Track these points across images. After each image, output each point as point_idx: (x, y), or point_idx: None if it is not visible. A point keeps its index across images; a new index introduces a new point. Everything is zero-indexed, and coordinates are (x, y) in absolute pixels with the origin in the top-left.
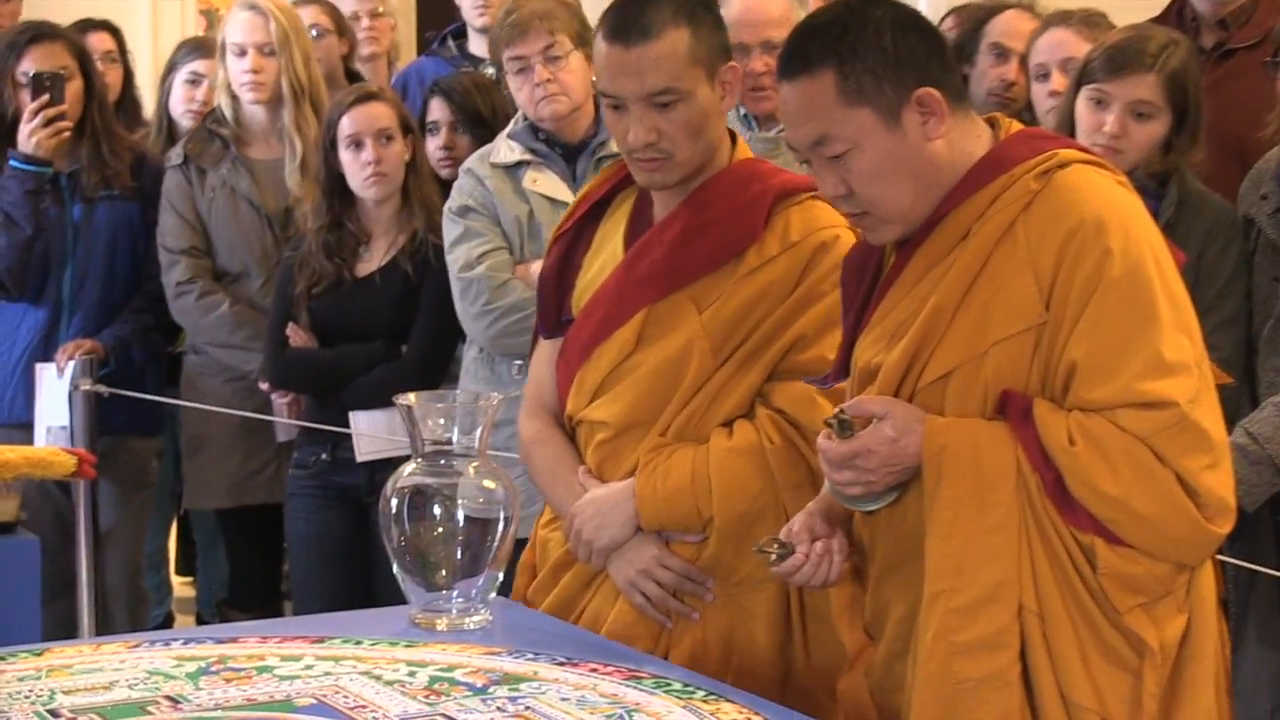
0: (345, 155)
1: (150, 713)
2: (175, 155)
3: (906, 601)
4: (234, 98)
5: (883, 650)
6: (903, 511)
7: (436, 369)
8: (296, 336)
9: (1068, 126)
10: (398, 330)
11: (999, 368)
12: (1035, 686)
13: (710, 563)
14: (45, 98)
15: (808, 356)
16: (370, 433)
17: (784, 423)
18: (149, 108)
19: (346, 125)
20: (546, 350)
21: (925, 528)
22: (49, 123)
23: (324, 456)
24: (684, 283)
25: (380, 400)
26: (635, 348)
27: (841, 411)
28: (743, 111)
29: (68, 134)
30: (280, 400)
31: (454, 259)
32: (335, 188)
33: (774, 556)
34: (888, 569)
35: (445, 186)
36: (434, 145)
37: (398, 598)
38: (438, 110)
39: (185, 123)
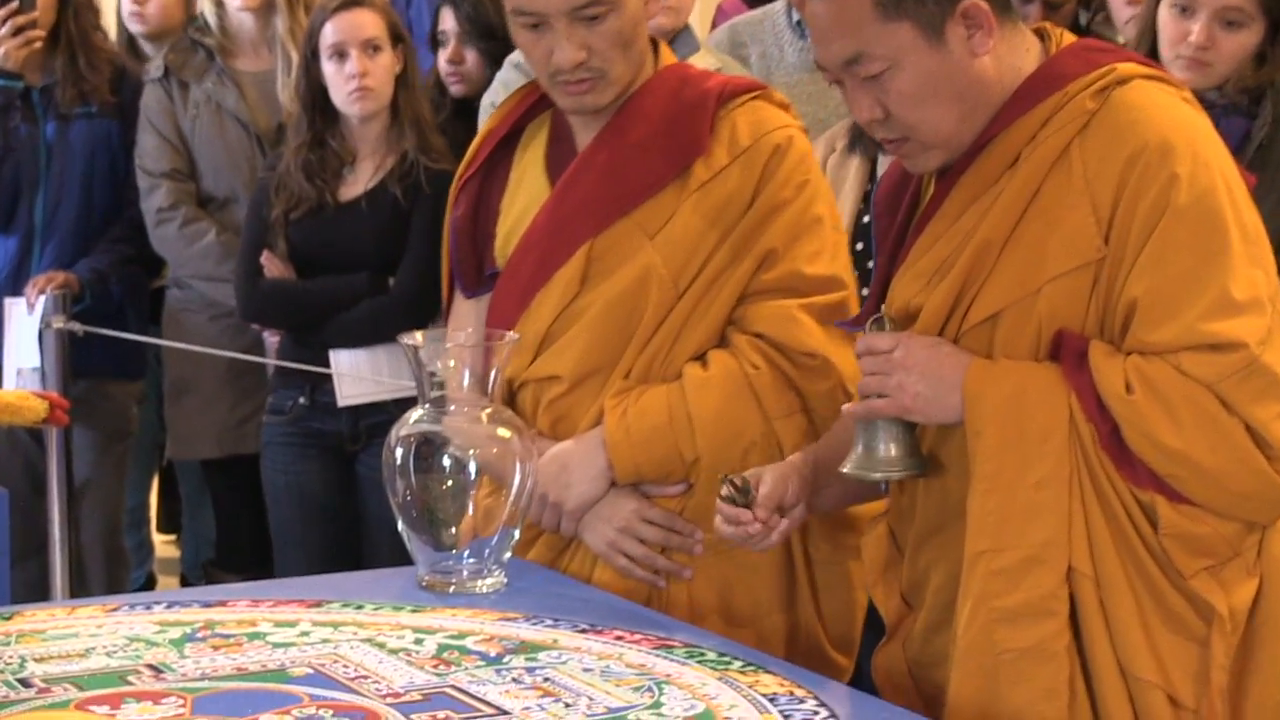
0: (328, 67)
1: (130, 683)
2: (155, 68)
3: (946, 568)
4: (219, 3)
5: (921, 621)
6: (942, 470)
7: (428, 305)
8: (272, 266)
9: (1149, 38)
10: (385, 261)
11: (1053, 308)
12: (1089, 657)
13: (698, 511)
14: (14, 4)
15: (779, 273)
16: (354, 374)
17: (766, 346)
18: (110, 18)
19: (329, 34)
20: (469, 311)
21: (966, 484)
22: (18, 31)
23: (302, 401)
24: (627, 208)
25: (365, 338)
26: (581, 288)
27: (881, 315)
28: (795, 18)
29: (39, 44)
30: (273, 339)
31: None
32: (317, 102)
33: (724, 492)
34: (926, 532)
35: (453, 105)
36: (442, 58)
37: (387, 557)
38: (447, 20)
39: (135, 28)
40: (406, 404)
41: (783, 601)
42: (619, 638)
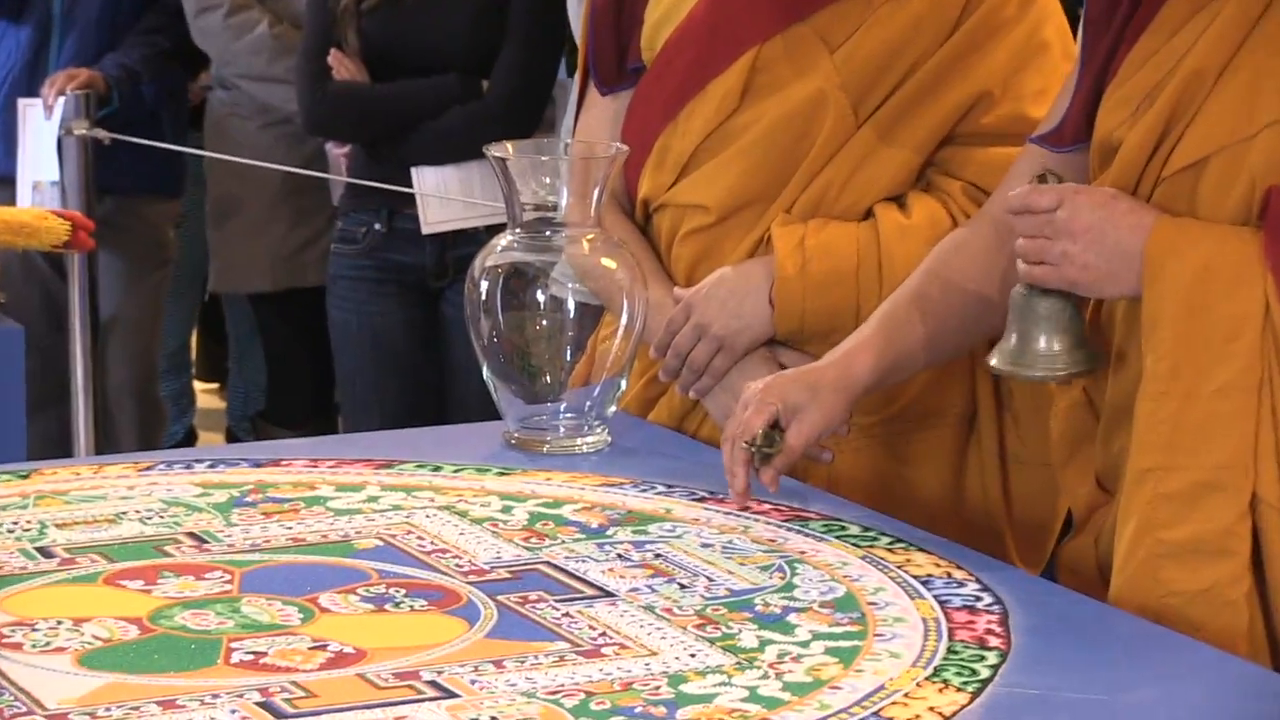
0: None
1: (168, 554)
2: None
3: None
4: None
5: (1116, 513)
6: (1138, 333)
7: (528, 113)
8: (341, 66)
9: None
10: (478, 59)
11: (1269, 160)
12: (1274, 607)
13: None
14: None
15: (997, 115)
16: (440, 195)
17: (982, 196)
18: None
19: None
20: (604, 111)
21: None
22: None
23: (378, 227)
24: (805, 11)
25: (454, 153)
26: (740, 103)
27: (1049, 171)
28: None
29: None
30: (337, 151)
31: None
32: None
33: (752, 450)
34: (1119, 410)
35: None
36: None
37: (474, 414)
38: None
39: None
40: (502, 231)
41: (955, 503)
42: (744, 508)
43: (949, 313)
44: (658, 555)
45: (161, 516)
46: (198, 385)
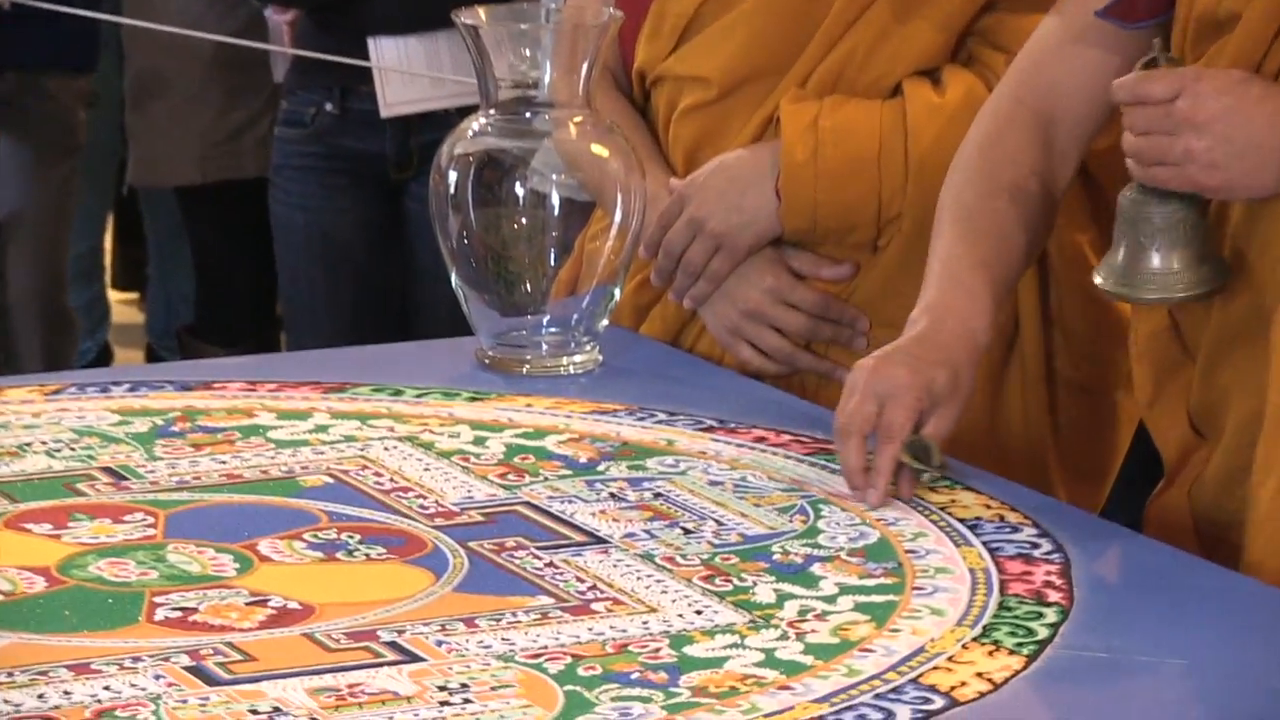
0: None
1: (81, 493)
2: None
3: (1256, 393)
4: None
5: (1219, 460)
6: (1256, 249)
7: None
8: None
9: None
10: None
11: None
12: None
13: (877, 292)
14: None
15: None
16: (402, 70)
17: None
18: None
19: None
20: None
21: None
22: None
23: (329, 109)
24: None
25: (417, 20)
26: None
27: (1156, 50)
28: None
29: None
30: (279, 18)
31: None
32: None
33: (915, 463)
34: (1229, 338)
35: None
36: None
37: (451, 328)
38: None
39: None
40: (475, 113)
41: (991, 431)
42: (760, 439)
43: (1021, 226)
44: (658, 495)
45: (72, 449)
46: (113, 295)
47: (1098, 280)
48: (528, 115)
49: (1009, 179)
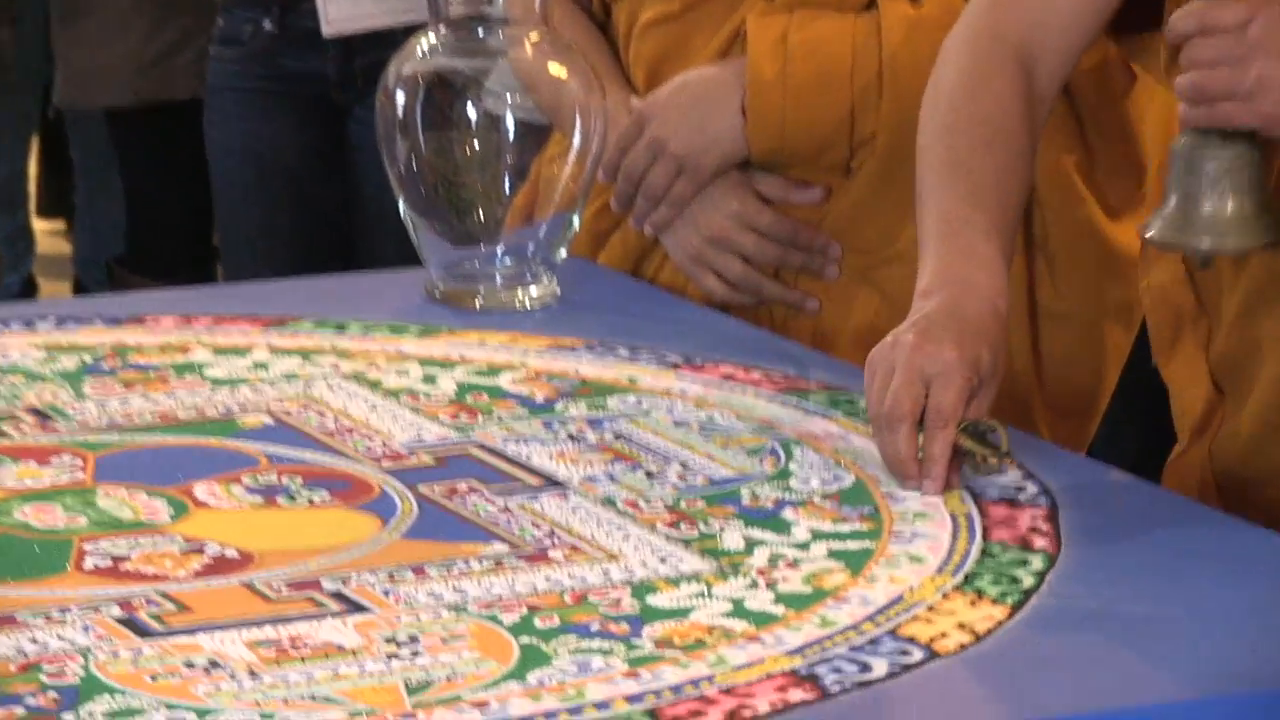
0: None
1: (5, 434)
2: None
3: None
4: None
5: (1248, 419)
6: None
7: None
8: None
9: None
10: None
11: None
12: None
13: (850, 217)
14: None
15: None
16: None
17: None
18: None
19: None
20: None
21: None
22: None
23: (267, 27)
24: None
25: None
26: None
27: None
28: None
29: None
30: None
31: None
32: None
33: (978, 458)
34: (1260, 294)
35: None
36: None
37: (399, 258)
38: None
39: None
40: (423, 30)
41: None
42: (727, 376)
43: (1019, 180)
44: (619, 436)
45: None
46: (37, 224)
47: (1148, 234)
48: (480, 32)
49: (1000, 127)
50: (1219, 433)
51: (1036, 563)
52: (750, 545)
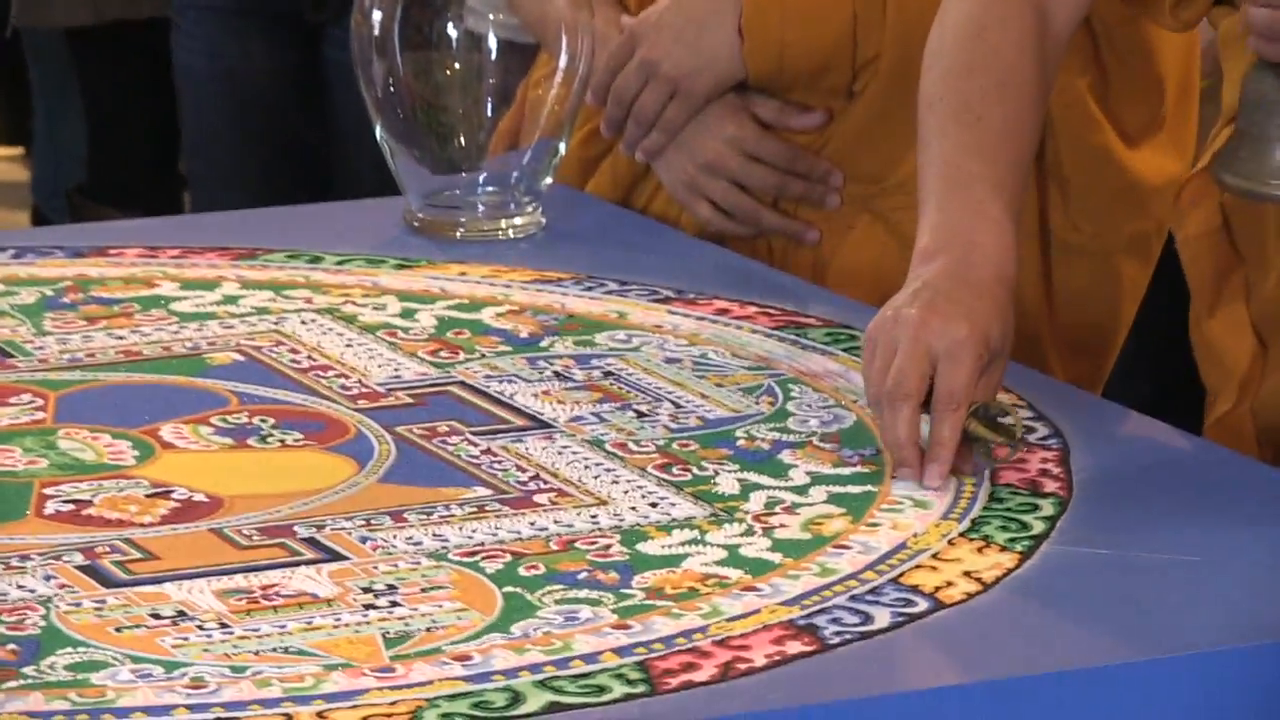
0: None
1: None
2: None
3: None
4: None
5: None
6: None
7: None
8: None
9: None
10: None
11: None
12: None
13: (852, 144)
14: None
15: None
16: None
17: None
18: None
19: None
20: None
21: None
22: None
23: None
24: None
25: None
26: None
27: None
28: None
29: None
30: None
31: None
32: None
33: (990, 445)
34: None
35: None
36: None
37: (376, 187)
38: None
39: None
40: None
41: None
42: (722, 311)
43: (1032, 130)
44: (608, 374)
45: None
46: None
47: (1221, 177)
48: None
49: (1012, 71)
50: (1261, 389)
51: (1047, 508)
52: (746, 489)
